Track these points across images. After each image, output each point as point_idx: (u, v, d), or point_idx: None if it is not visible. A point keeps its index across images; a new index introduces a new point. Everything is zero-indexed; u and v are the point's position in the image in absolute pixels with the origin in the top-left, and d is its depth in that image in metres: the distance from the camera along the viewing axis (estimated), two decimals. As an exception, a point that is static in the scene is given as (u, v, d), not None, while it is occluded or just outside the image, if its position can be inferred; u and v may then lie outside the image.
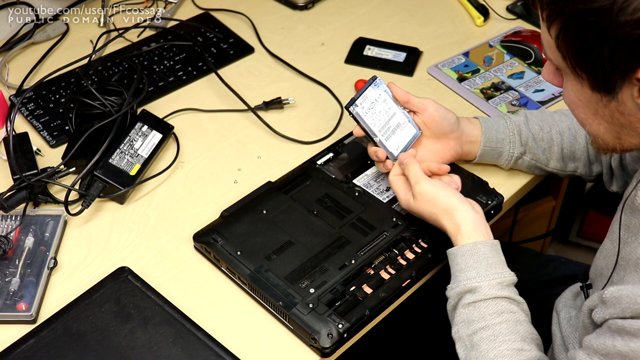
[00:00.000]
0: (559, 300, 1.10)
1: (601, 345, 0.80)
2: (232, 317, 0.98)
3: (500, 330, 0.90)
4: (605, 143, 0.86)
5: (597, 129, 0.85)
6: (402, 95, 1.08)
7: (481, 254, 0.95)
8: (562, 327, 1.05)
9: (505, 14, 1.52)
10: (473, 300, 0.93)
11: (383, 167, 1.08)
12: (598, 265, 0.97)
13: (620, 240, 0.89)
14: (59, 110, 1.26)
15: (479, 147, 1.11)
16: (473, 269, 0.94)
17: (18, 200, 1.07)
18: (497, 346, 0.89)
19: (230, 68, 1.38)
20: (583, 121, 0.86)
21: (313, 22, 1.49)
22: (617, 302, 0.79)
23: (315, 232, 1.04)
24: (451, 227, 0.98)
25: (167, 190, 1.15)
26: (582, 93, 0.82)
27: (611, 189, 1.15)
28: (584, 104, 0.83)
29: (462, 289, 0.94)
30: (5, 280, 0.99)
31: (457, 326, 0.94)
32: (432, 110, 1.08)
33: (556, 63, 0.82)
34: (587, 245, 2.02)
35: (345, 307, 0.95)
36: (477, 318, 0.92)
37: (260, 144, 1.23)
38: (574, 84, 0.82)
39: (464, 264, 0.95)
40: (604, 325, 0.82)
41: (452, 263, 0.97)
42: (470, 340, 0.91)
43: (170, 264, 1.05)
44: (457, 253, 0.96)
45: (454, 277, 0.96)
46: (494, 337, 0.90)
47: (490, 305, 0.92)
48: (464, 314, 0.93)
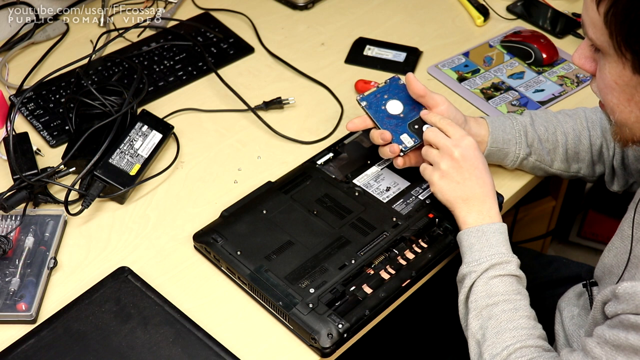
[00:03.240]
0: (561, 300, 1.10)
1: (614, 336, 0.80)
2: (232, 317, 0.98)
3: (520, 305, 0.94)
4: (632, 133, 0.85)
5: (628, 117, 0.83)
6: (419, 90, 1.08)
7: (506, 235, 1.00)
8: (565, 325, 1.05)
9: (505, 14, 1.52)
10: (503, 273, 0.96)
11: (389, 151, 1.08)
12: (607, 263, 0.97)
13: (633, 239, 0.89)
14: (59, 110, 1.26)
15: (485, 147, 1.11)
16: (503, 245, 0.98)
17: (18, 200, 1.07)
18: (517, 318, 0.93)
19: (230, 68, 1.38)
20: (614, 107, 0.84)
21: (313, 22, 1.49)
22: (631, 298, 0.79)
23: (315, 232, 1.04)
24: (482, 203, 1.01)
25: (167, 190, 1.15)
26: (621, 75, 0.80)
27: (612, 189, 1.15)
28: (620, 88, 0.82)
29: (494, 262, 0.96)
30: (5, 280, 0.99)
31: (474, 295, 0.95)
32: (444, 108, 1.08)
33: (598, 42, 0.80)
34: (587, 246, 2.02)
35: (345, 307, 0.95)
36: (502, 292, 0.95)
37: (260, 144, 1.23)
38: (614, 66, 0.80)
39: (495, 240, 0.98)
40: (615, 318, 0.82)
41: (480, 238, 0.98)
42: (489, 311, 0.94)
43: (170, 264, 1.05)
44: (488, 230, 0.98)
45: (480, 252, 0.97)
46: (515, 310, 0.93)
47: (514, 282, 0.96)
48: (487, 285, 0.95)
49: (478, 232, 0.98)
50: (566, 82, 1.34)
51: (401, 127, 1.07)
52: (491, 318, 0.93)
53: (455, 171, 1.01)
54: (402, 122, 1.07)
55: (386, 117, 1.08)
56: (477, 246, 0.98)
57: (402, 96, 1.09)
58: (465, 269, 0.97)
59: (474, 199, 1.00)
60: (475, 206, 1.00)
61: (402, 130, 1.07)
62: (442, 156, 1.02)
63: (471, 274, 0.96)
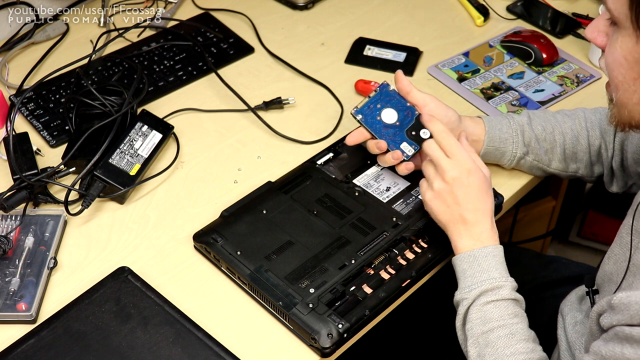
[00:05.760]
0: (564, 303, 1.09)
1: (610, 352, 0.79)
2: (232, 317, 0.98)
3: (517, 329, 0.92)
4: (631, 116, 0.84)
5: (630, 97, 0.83)
6: (405, 86, 1.08)
7: (501, 258, 0.96)
8: (567, 332, 1.04)
9: (505, 14, 1.52)
10: (494, 299, 0.93)
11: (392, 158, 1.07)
12: (607, 270, 0.96)
13: (632, 246, 0.88)
14: (59, 110, 1.26)
15: (482, 146, 1.11)
16: (495, 270, 0.95)
17: (18, 200, 1.07)
18: (514, 344, 0.91)
19: (230, 68, 1.38)
20: (619, 85, 0.83)
21: (313, 22, 1.49)
22: (626, 308, 0.78)
23: (315, 232, 1.04)
24: (476, 224, 0.98)
25: (167, 190, 1.15)
26: (632, 51, 0.80)
27: (611, 190, 1.15)
28: (628, 65, 0.81)
29: (485, 288, 0.94)
30: (5, 280, 0.99)
31: (470, 323, 0.94)
32: (433, 106, 1.08)
33: (616, 13, 0.79)
34: (587, 246, 2.02)
35: (345, 307, 0.95)
36: (497, 317, 0.92)
37: (260, 144, 1.23)
38: (627, 40, 0.80)
39: (487, 264, 0.95)
40: (610, 331, 0.81)
41: (472, 264, 0.96)
42: (485, 338, 0.92)
43: (170, 264, 1.05)
44: (480, 254, 0.96)
45: (472, 278, 0.95)
46: (512, 335, 0.91)
47: (509, 306, 0.93)
48: (481, 312, 0.93)
49: (470, 258, 0.97)
50: (566, 82, 1.34)
51: (399, 136, 1.07)
52: (488, 345, 0.91)
53: (447, 194, 0.98)
54: (399, 131, 1.07)
55: (383, 128, 1.07)
56: (469, 272, 0.96)
57: (395, 103, 1.09)
58: (458, 296, 0.96)
59: (465, 223, 0.98)
60: (467, 230, 0.97)
61: (401, 139, 1.07)
62: (435, 176, 1.00)
63: (463, 301, 0.95)
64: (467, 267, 0.96)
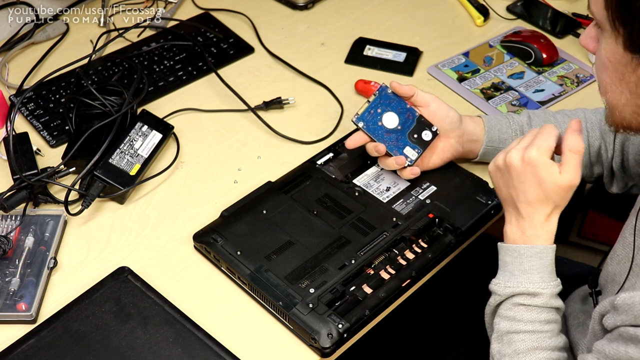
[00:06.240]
0: (566, 303, 1.09)
1: (614, 351, 0.79)
2: (232, 317, 0.98)
3: (544, 339, 0.90)
4: (622, 117, 0.84)
5: (619, 99, 0.83)
6: (406, 92, 1.08)
7: (548, 260, 0.93)
8: (570, 332, 1.04)
9: (505, 14, 1.52)
10: (530, 303, 0.91)
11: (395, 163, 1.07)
12: (610, 271, 0.96)
13: (635, 247, 0.88)
14: (59, 110, 1.26)
15: (481, 145, 1.11)
16: (537, 273, 0.92)
17: (18, 200, 1.07)
18: (537, 355, 0.89)
19: (230, 68, 1.38)
20: (607, 87, 0.83)
21: (313, 22, 1.49)
22: (630, 309, 0.78)
23: (315, 232, 1.04)
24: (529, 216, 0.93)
25: (167, 190, 1.15)
26: (614, 53, 0.80)
27: (611, 190, 1.15)
28: (613, 67, 0.81)
29: (521, 290, 0.91)
30: (5, 280, 0.99)
31: (499, 317, 0.92)
32: (434, 106, 1.08)
33: (597, 16, 0.80)
34: (587, 246, 2.01)
35: (345, 307, 0.95)
36: (527, 320, 0.90)
37: (260, 144, 1.23)
38: (609, 42, 0.80)
39: (529, 265, 0.92)
40: (614, 331, 0.81)
41: (514, 259, 0.93)
42: (510, 338, 0.90)
43: (170, 264, 1.05)
44: (525, 252, 0.92)
45: (511, 274, 0.92)
46: (537, 346, 0.89)
47: (543, 313, 0.91)
48: (513, 310, 0.91)
49: (514, 252, 0.93)
50: (566, 82, 1.34)
51: (402, 140, 1.07)
52: (511, 346, 0.90)
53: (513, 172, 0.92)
54: (401, 135, 1.07)
55: (385, 134, 1.07)
56: (509, 267, 0.93)
57: (394, 106, 1.09)
58: (494, 286, 0.94)
59: (517, 211, 0.94)
60: (517, 220, 0.94)
61: (404, 143, 1.07)
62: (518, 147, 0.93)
63: (496, 295, 0.93)
64: (509, 261, 0.93)
